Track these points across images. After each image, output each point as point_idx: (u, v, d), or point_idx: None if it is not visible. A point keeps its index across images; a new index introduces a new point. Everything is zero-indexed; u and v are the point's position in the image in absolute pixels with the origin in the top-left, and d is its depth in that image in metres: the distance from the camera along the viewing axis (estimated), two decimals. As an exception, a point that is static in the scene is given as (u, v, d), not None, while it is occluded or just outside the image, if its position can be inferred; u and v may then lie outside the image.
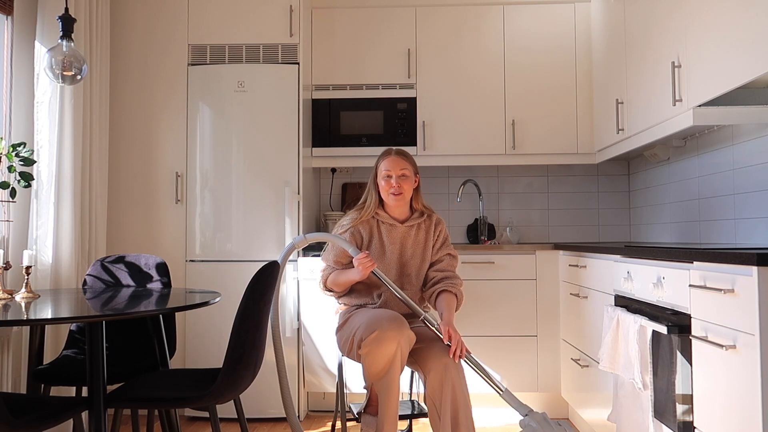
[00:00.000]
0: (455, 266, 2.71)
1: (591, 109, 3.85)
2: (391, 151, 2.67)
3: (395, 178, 2.60)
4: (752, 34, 2.08)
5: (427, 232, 2.69)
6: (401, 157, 2.64)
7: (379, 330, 2.27)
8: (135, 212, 3.58)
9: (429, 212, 2.73)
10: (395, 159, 2.63)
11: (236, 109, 3.54)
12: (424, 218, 2.70)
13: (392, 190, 2.60)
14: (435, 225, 2.71)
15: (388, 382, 2.30)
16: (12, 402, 2.02)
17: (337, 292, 2.65)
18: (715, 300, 1.76)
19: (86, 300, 2.39)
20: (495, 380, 2.42)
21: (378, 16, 3.92)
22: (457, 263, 2.73)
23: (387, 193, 2.62)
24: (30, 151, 2.83)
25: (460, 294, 2.64)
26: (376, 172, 2.67)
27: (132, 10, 3.63)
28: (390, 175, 2.61)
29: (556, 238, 4.18)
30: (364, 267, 2.44)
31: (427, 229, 2.69)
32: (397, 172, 2.61)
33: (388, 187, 2.61)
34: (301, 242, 2.63)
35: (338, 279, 2.59)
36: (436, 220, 2.72)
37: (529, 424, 2.30)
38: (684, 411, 1.98)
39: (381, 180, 2.64)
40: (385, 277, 2.49)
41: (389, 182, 2.61)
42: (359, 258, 2.45)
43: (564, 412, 3.53)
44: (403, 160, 2.64)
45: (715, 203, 3.00)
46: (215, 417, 2.26)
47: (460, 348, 2.37)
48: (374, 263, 2.46)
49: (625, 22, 3.27)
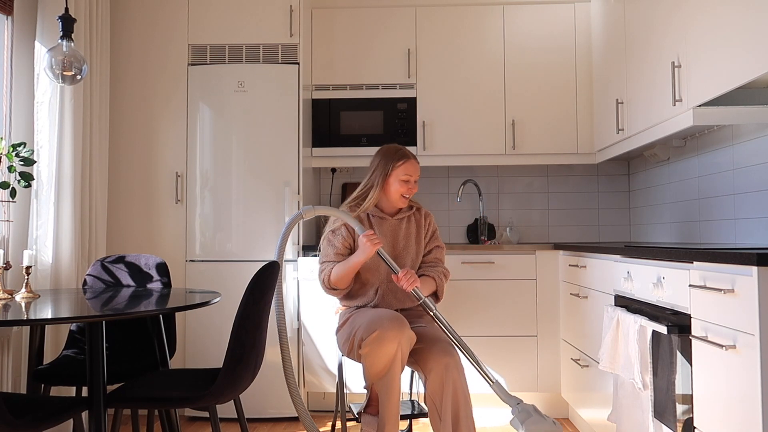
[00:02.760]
0: (442, 256, 2.77)
1: (591, 109, 3.85)
2: (408, 155, 2.69)
3: (413, 183, 2.67)
4: (752, 34, 2.08)
5: (418, 225, 2.73)
6: (417, 163, 2.70)
7: (379, 330, 2.28)
8: (135, 212, 3.58)
9: (417, 205, 2.78)
10: (415, 165, 2.68)
11: (236, 109, 3.54)
12: (413, 211, 2.75)
13: (407, 194, 2.66)
14: (425, 218, 2.76)
15: (389, 382, 2.31)
16: (12, 402, 2.02)
17: (342, 289, 2.60)
18: (715, 300, 1.76)
19: (86, 300, 2.39)
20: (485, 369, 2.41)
21: (378, 16, 3.92)
22: (443, 253, 2.78)
23: (399, 195, 2.65)
24: (30, 151, 2.83)
25: (439, 279, 2.68)
26: (389, 172, 2.66)
27: (132, 10, 3.63)
28: (409, 179, 2.65)
29: (556, 238, 4.18)
30: (372, 243, 2.44)
31: (418, 221, 2.74)
32: (416, 177, 2.68)
33: (405, 190, 2.65)
34: (308, 212, 2.57)
35: (342, 269, 2.53)
36: (425, 213, 2.78)
37: (524, 410, 2.27)
38: (684, 411, 1.98)
39: (396, 182, 2.65)
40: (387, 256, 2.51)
41: (408, 187, 2.65)
42: (367, 234, 2.45)
43: (564, 412, 3.53)
44: (419, 166, 2.71)
45: (715, 203, 3.00)
46: (215, 417, 2.26)
47: (408, 277, 2.42)
48: (381, 240, 2.48)
49: (625, 22, 3.27)
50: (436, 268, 2.71)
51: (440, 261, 2.75)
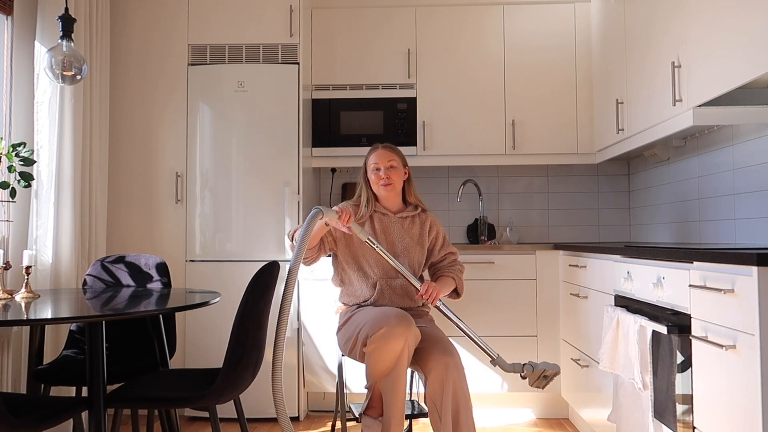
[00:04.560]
0: (456, 259, 2.82)
1: (591, 109, 3.85)
2: (378, 146, 2.73)
3: (383, 169, 2.66)
4: (752, 34, 2.08)
5: (422, 227, 2.72)
6: (388, 150, 2.71)
7: (386, 327, 2.27)
8: (135, 212, 3.58)
9: (423, 207, 2.78)
10: (382, 152, 2.70)
11: (236, 109, 3.54)
12: (418, 212, 2.75)
13: (382, 182, 2.66)
14: (430, 225, 2.75)
15: (395, 380, 2.30)
16: (12, 402, 2.02)
17: (295, 244, 2.41)
18: (715, 300, 1.76)
19: (86, 300, 2.39)
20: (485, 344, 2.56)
21: (378, 16, 3.92)
22: (457, 256, 2.83)
23: (377, 185, 2.68)
24: (30, 151, 2.83)
25: (458, 278, 2.73)
26: (366, 168, 2.73)
27: (132, 10, 3.64)
28: (378, 167, 2.67)
29: (556, 238, 4.18)
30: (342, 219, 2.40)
31: (422, 223, 2.73)
32: (385, 163, 2.67)
33: (377, 179, 2.67)
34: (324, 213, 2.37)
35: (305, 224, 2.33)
36: (431, 220, 2.77)
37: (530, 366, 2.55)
38: (684, 411, 1.98)
39: (371, 174, 2.70)
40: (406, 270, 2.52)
41: (378, 174, 2.67)
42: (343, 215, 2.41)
43: (564, 412, 3.52)
44: (390, 152, 2.70)
45: (715, 203, 3.00)
46: (215, 417, 2.26)
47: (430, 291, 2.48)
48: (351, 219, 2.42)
49: (625, 22, 3.27)
50: (454, 267, 2.76)
51: (455, 260, 2.80)
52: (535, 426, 3.39)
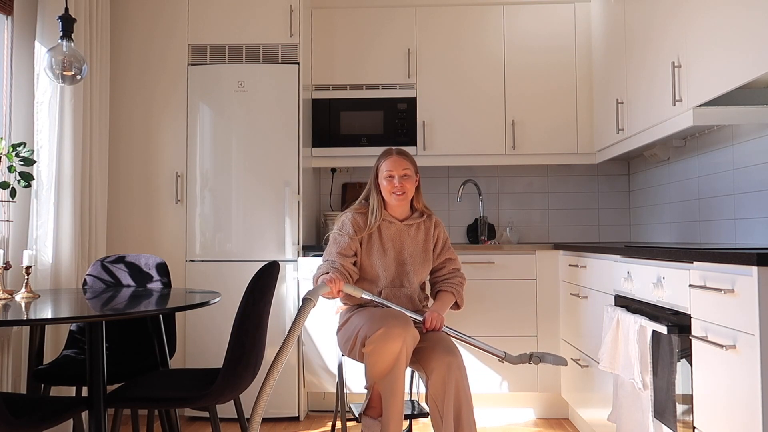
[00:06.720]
0: (457, 266, 2.74)
1: (591, 109, 3.85)
2: (392, 151, 2.66)
3: (398, 178, 2.59)
4: (752, 34, 2.08)
5: (427, 233, 2.69)
6: (402, 157, 2.63)
7: (385, 327, 2.27)
8: (135, 212, 3.58)
9: (429, 213, 2.73)
10: (397, 159, 2.62)
11: (236, 109, 3.54)
12: (423, 218, 2.70)
13: (395, 191, 2.59)
14: (434, 227, 2.71)
15: (393, 380, 2.29)
16: (12, 402, 2.02)
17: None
18: (715, 300, 1.76)
19: (86, 300, 2.39)
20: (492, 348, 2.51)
21: (378, 16, 3.92)
22: (457, 264, 2.75)
23: (389, 193, 2.61)
24: (30, 151, 2.83)
25: (457, 293, 2.68)
26: (377, 173, 2.66)
27: (132, 10, 3.64)
28: (392, 175, 2.60)
29: (556, 238, 4.18)
30: (332, 281, 2.35)
31: (427, 229, 2.69)
32: (400, 172, 2.60)
33: (390, 187, 2.60)
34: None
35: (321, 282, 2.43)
36: (435, 222, 2.72)
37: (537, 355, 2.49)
38: (684, 411, 1.98)
39: (383, 180, 2.63)
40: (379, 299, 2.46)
41: (392, 183, 2.60)
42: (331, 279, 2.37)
43: (564, 412, 3.53)
44: (405, 160, 2.63)
45: (715, 203, 3.00)
46: (215, 417, 2.26)
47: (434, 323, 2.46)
48: (341, 281, 2.37)
49: (625, 22, 3.27)
50: (452, 280, 2.69)
51: (456, 270, 2.72)
52: (535, 426, 3.39)
